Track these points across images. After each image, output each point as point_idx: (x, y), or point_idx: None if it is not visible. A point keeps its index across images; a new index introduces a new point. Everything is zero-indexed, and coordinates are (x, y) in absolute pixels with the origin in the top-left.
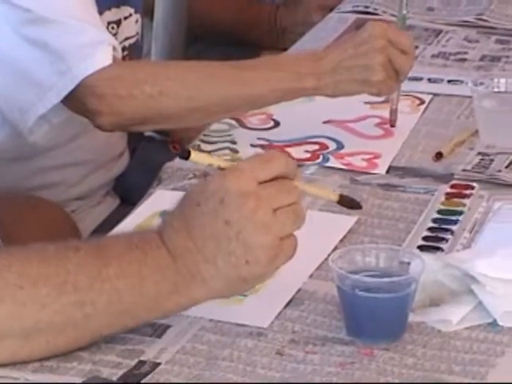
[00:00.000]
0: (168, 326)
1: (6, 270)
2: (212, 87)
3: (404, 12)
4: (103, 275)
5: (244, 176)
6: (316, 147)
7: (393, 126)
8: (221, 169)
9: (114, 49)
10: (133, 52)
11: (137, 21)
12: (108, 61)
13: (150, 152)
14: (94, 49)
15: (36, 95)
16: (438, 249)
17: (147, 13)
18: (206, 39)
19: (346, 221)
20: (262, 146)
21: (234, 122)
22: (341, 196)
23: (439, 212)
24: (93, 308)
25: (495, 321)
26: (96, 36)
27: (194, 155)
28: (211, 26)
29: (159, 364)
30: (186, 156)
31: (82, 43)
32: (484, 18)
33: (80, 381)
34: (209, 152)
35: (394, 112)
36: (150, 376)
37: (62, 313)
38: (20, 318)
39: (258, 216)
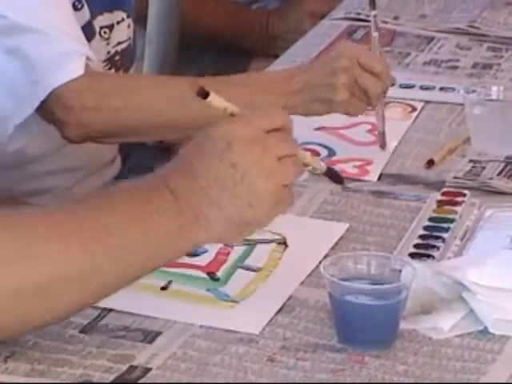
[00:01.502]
0: (159, 333)
1: (29, 225)
2: (180, 103)
3: (375, 34)
4: (111, 221)
5: (252, 123)
6: None
7: (383, 148)
8: (232, 115)
9: (89, 59)
10: (125, 57)
11: (129, 25)
12: (79, 72)
13: (143, 158)
14: (65, 59)
15: (13, 104)
16: (430, 256)
17: (139, 20)
18: (198, 45)
19: (338, 228)
20: None
21: None
22: (328, 168)
23: (430, 219)
24: (102, 258)
25: (486, 328)
26: (69, 46)
27: (212, 97)
28: (202, 32)
29: (150, 369)
30: (204, 96)
31: (55, 53)
32: (476, 25)
33: None
34: None
35: (381, 135)
36: (141, 381)
37: (90, 260)
38: (42, 272)
39: (263, 162)
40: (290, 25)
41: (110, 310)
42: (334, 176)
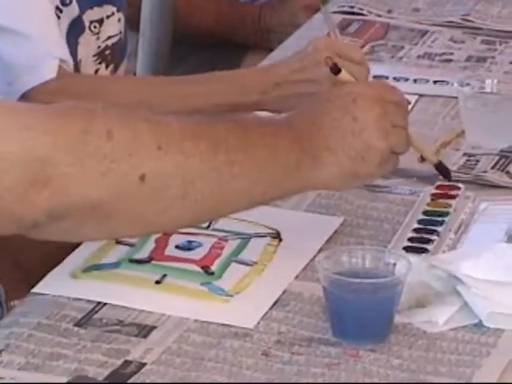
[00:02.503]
0: (153, 327)
1: (167, 124)
2: (154, 102)
3: (335, 27)
4: (247, 140)
5: (377, 88)
6: None
7: None
8: None
9: (63, 61)
10: (115, 51)
11: (119, 20)
12: (51, 75)
13: None
14: (39, 61)
15: None
16: (424, 250)
17: (132, 18)
18: (191, 42)
19: (332, 222)
20: None
21: None
22: (439, 162)
23: (425, 213)
24: (239, 169)
25: (481, 322)
26: (43, 48)
27: (343, 74)
28: (194, 30)
29: (145, 364)
30: (336, 72)
31: (29, 54)
32: (470, 18)
33: (66, 379)
34: None
35: None
36: (136, 376)
37: (216, 169)
38: (184, 168)
39: (381, 122)
40: (283, 18)
41: (105, 304)
42: (443, 170)
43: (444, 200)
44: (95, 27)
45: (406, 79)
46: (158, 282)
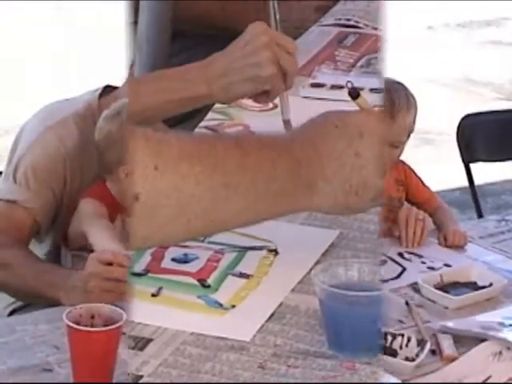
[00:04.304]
0: (150, 340)
1: (166, 144)
2: None
3: (277, 16)
4: (245, 163)
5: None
6: None
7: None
8: None
9: None
10: None
11: None
12: None
13: None
14: None
15: None
16: None
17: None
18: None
19: (328, 234)
20: None
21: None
22: None
23: None
24: (234, 192)
25: None
26: None
27: (361, 99)
28: (199, 21)
29: (141, 376)
30: (354, 96)
31: None
32: None
33: None
34: None
35: (287, 124)
36: None
37: (211, 191)
38: (179, 190)
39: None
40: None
41: None
42: None
43: None
44: None
45: None
46: (154, 295)
